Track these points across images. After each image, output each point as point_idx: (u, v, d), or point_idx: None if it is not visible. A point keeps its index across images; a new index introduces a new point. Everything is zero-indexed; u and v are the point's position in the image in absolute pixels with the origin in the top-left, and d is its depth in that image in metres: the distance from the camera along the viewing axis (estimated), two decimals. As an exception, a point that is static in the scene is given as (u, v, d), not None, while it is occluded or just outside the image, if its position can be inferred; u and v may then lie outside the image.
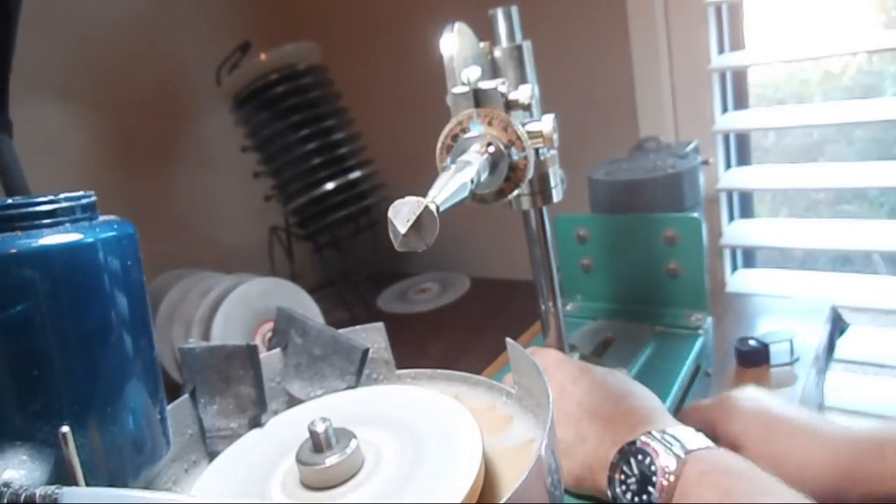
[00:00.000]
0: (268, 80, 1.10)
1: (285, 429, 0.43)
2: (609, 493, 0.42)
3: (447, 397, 0.42)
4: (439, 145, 0.39)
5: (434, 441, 0.37)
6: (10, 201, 0.30)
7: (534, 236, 0.54)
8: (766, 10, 1.00)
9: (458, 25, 0.44)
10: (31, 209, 0.30)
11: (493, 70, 0.49)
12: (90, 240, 0.31)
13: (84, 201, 0.32)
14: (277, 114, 1.11)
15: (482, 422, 0.38)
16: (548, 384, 0.36)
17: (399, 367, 0.49)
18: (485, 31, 0.50)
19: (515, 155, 0.39)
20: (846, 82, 1.06)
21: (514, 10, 0.49)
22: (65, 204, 0.31)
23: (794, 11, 1.01)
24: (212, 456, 0.43)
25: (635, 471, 0.40)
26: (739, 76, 1.04)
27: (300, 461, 0.35)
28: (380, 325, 0.48)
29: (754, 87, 1.07)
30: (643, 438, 0.41)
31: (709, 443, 0.40)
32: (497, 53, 0.49)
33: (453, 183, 0.31)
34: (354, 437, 0.36)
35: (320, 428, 0.35)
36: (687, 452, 0.38)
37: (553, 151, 0.51)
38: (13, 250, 0.28)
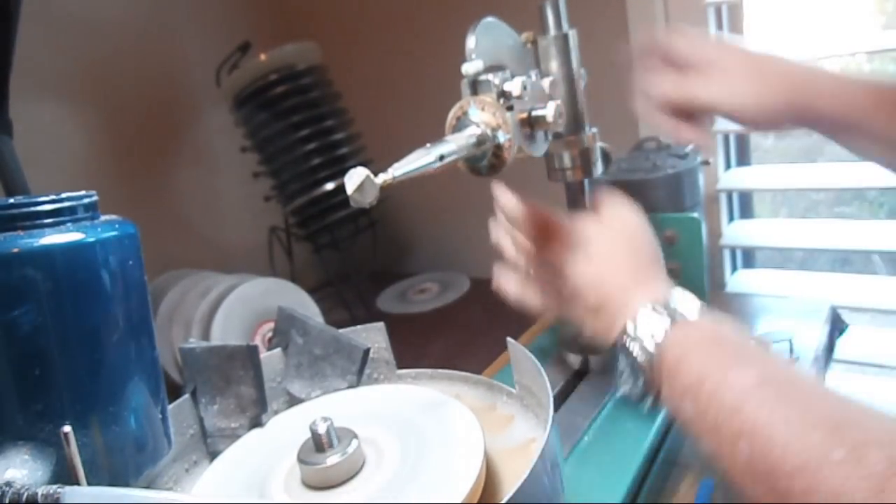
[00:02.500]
0: (268, 81, 1.10)
1: (286, 428, 0.43)
2: (616, 380, 0.44)
3: (448, 397, 0.42)
4: (447, 125, 0.45)
5: (435, 441, 0.37)
6: (11, 201, 0.30)
7: (576, 206, 0.61)
8: (766, 10, 1.00)
9: (487, 20, 0.48)
10: (33, 209, 0.30)
11: (535, 59, 0.55)
12: (92, 239, 0.31)
13: (86, 201, 0.32)
14: (277, 114, 1.11)
15: (483, 421, 0.38)
16: (548, 384, 0.36)
17: (399, 367, 0.49)
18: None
19: (502, 137, 0.44)
20: (846, 83, 1.05)
21: (562, 1, 0.54)
22: (66, 204, 0.31)
23: (793, 11, 1.01)
24: (213, 456, 0.43)
25: (625, 364, 0.43)
26: (739, 76, 1.04)
27: (301, 461, 0.35)
28: (380, 324, 0.48)
29: (754, 87, 1.07)
30: (621, 339, 0.43)
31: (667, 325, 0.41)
32: (542, 43, 0.54)
33: (415, 157, 0.38)
34: (356, 436, 0.36)
35: (322, 427, 0.35)
36: (657, 344, 0.40)
37: (594, 130, 0.57)
38: (15, 250, 0.29)
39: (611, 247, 0.48)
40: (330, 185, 1.13)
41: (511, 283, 0.55)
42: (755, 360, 0.36)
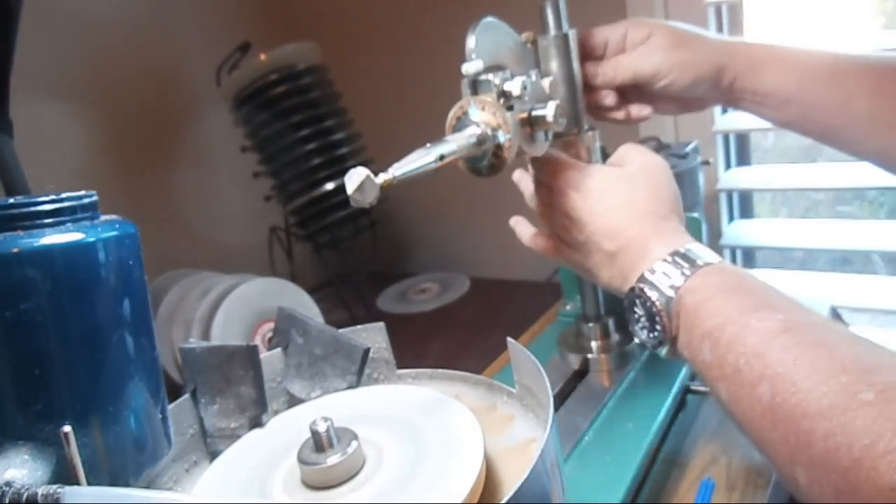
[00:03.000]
0: (268, 81, 1.10)
1: (286, 428, 0.43)
2: (630, 327, 0.45)
3: (448, 397, 0.42)
4: (447, 125, 0.45)
5: (435, 441, 0.37)
6: (11, 201, 0.30)
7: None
8: (766, 11, 1.00)
9: (487, 20, 0.48)
10: (32, 209, 0.30)
11: (535, 59, 0.55)
12: (92, 239, 0.31)
13: (86, 201, 0.32)
14: (277, 114, 1.11)
15: (483, 421, 0.38)
16: (548, 384, 0.36)
17: (399, 367, 0.49)
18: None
19: (502, 137, 0.44)
20: (846, 83, 1.05)
21: (562, 1, 0.54)
22: (66, 203, 0.31)
23: (794, 12, 1.01)
24: (213, 456, 0.43)
25: (642, 311, 0.43)
26: (739, 76, 1.04)
27: (301, 460, 0.35)
28: (380, 324, 0.48)
29: (754, 87, 1.07)
30: (639, 285, 0.43)
31: (686, 273, 0.41)
32: (542, 43, 0.54)
33: (415, 157, 0.37)
34: (356, 436, 0.36)
35: (322, 427, 0.35)
36: (676, 289, 0.40)
37: (594, 130, 0.57)
38: (15, 249, 0.28)
39: (629, 194, 0.47)
40: (330, 185, 1.13)
41: (524, 227, 0.56)
42: (781, 306, 0.35)
